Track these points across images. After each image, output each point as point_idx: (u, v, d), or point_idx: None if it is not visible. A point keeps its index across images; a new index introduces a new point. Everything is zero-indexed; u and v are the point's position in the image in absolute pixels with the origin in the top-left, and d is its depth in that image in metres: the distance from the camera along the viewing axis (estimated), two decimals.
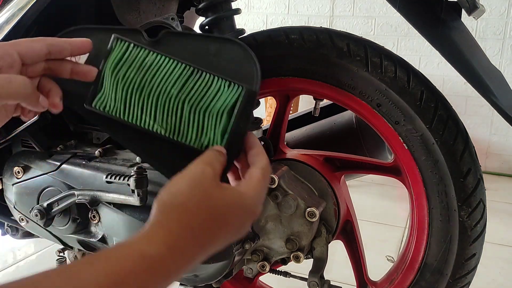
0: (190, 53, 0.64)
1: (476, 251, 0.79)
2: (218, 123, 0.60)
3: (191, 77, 0.61)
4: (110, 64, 0.61)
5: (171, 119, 0.60)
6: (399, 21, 2.92)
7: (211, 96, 0.60)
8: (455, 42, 0.72)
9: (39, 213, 0.84)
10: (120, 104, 0.61)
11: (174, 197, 0.49)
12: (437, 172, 0.77)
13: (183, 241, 0.46)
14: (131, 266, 0.41)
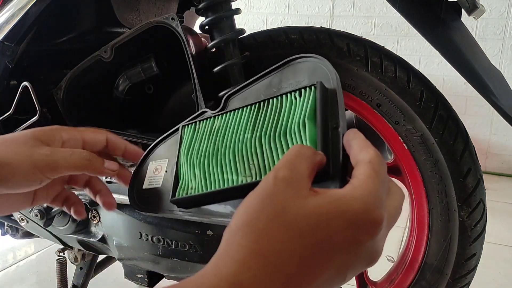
0: (253, 99, 0.57)
1: (476, 251, 0.79)
2: (303, 136, 0.49)
3: (259, 112, 0.54)
4: (183, 151, 0.58)
5: (254, 162, 0.52)
6: (399, 21, 2.92)
7: (286, 115, 0.52)
8: (455, 42, 0.72)
9: (39, 213, 0.84)
10: (200, 180, 0.55)
11: (241, 219, 0.36)
12: (437, 172, 0.77)
13: (250, 272, 0.32)
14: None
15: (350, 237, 0.33)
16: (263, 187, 0.36)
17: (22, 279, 1.53)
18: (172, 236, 0.77)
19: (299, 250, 0.33)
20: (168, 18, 0.76)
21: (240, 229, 0.35)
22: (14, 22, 0.82)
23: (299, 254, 0.33)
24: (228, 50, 0.78)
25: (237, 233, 0.35)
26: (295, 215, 0.34)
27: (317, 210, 0.34)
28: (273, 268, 0.32)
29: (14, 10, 0.83)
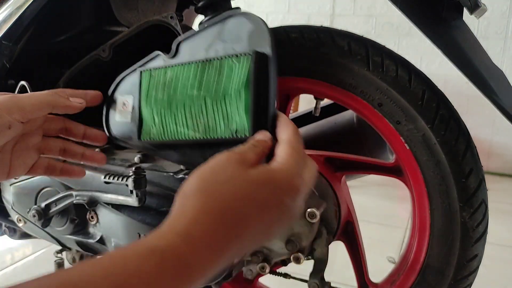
0: (203, 48, 0.62)
1: (477, 252, 0.78)
2: (239, 103, 0.56)
3: (204, 72, 0.60)
4: (143, 96, 0.65)
5: (200, 120, 0.60)
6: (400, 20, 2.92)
7: (226, 79, 0.58)
8: (456, 41, 0.71)
9: (37, 214, 0.84)
10: (159, 127, 0.63)
11: (192, 185, 0.44)
12: (439, 173, 0.76)
13: (200, 226, 0.40)
14: (137, 265, 0.35)
15: (277, 198, 0.45)
16: (215, 162, 0.46)
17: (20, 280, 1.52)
18: None
19: (238, 208, 0.42)
20: (167, 17, 0.76)
21: (194, 193, 0.43)
22: (12, 21, 0.82)
23: (240, 212, 0.42)
24: None
25: (190, 197, 0.43)
26: (238, 181, 0.44)
27: (254, 179, 0.44)
28: (218, 223, 0.40)
29: (12, 9, 0.82)
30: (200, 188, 0.43)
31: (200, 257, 0.39)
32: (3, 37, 0.82)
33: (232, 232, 0.41)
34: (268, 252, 0.84)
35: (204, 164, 0.46)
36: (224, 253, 0.41)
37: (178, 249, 0.38)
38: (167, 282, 0.36)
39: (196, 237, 0.39)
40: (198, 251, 0.39)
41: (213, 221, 0.40)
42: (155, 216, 0.77)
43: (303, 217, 0.80)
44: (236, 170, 0.45)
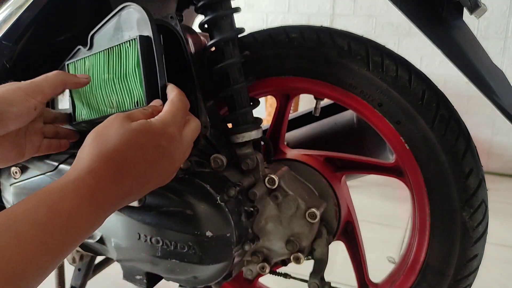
0: (108, 37, 0.74)
1: (478, 252, 0.78)
2: (136, 80, 0.69)
3: (109, 58, 0.72)
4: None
5: (113, 97, 0.72)
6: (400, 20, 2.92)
7: (123, 62, 0.70)
8: (456, 41, 0.71)
9: None
10: (87, 109, 0.76)
11: (89, 138, 0.56)
12: (439, 173, 0.76)
13: (98, 163, 0.52)
14: (60, 193, 0.48)
15: (154, 142, 0.56)
16: (108, 120, 0.57)
17: None
18: (171, 237, 0.76)
19: (126, 152, 0.54)
20: (167, 17, 0.76)
21: (90, 143, 0.55)
22: (12, 21, 0.81)
23: (126, 154, 0.54)
24: (228, 49, 0.77)
25: (87, 146, 0.55)
26: (123, 131, 0.55)
27: (135, 129, 0.55)
28: (111, 162, 0.53)
29: (12, 9, 0.82)
30: (94, 139, 0.55)
31: (104, 187, 0.51)
32: (3, 37, 0.82)
33: (124, 169, 0.53)
34: (268, 252, 0.84)
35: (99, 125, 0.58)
36: (122, 185, 0.53)
37: (87, 181, 0.50)
38: (85, 209, 0.49)
39: (97, 172, 0.52)
40: (101, 182, 0.51)
41: (107, 160, 0.53)
42: (155, 216, 0.77)
43: (303, 217, 0.80)
44: (121, 124, 0.56)
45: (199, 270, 0.77)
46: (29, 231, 0.43)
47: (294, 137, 1.11)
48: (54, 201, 0.47)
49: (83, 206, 0.49)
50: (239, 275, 0.95)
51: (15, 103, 0.63)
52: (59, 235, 0.46)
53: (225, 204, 0.72)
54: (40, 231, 0.44)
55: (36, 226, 0.44)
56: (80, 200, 0.49)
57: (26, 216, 0.44)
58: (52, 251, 0.45)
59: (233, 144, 0.79)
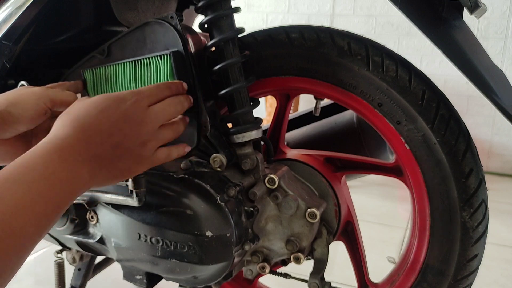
0: (129, 48, 0.79)
1: (478, 252, 0.78)
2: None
3: (136, 68, 0.76)
4: (90, 90, 0.82)
5: None
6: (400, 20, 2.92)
7: (154, 74, 0.74)
8: (456, 41, 0.71)
9: None
10: None
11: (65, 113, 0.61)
12: (439, 173, 0.76)
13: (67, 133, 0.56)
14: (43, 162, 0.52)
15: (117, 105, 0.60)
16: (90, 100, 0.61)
17: (19, 280, 1.52)
18: (171, 237, 0.76)
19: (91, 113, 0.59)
20: (167, 17, 0.76)
21: (62, 117, 0.59)
22: (12, 21, 0.81)
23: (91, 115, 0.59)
24: (228, 49, 0.77)
25: (60, 120, 0.59)
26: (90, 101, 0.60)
27: (102, 95, 0.61)
28: (83, 133, 0.57)
29: (12, 9, 0.82)
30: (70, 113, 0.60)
31: (87, 148, 0.56)
32: (3, 37, 0.82)
33: (90, 128, 0.58)
34: (268, 252, 0.84)
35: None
36: (103, 146, 0.58)
37: (70, 141, 0.55)
38: (68, 169, 0.53)
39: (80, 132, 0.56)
40: (67, 140, 0.55)
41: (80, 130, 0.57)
42: (155, 216, 0.77)
43: (303, 217, 0.80)
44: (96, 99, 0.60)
45: (199, 270, 0.77)
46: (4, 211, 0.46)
47: (294, 137, 1.11)
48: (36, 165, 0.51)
49: (55, 162, 0.53)
50: (239, 275, 0.95)
51: (28, 108, 0.67)
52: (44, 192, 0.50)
53: (225, 204, 0.72)
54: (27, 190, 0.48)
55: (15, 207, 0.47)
56: (64, 162, 0.53)
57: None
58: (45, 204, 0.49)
59: (233, 144, 0.79)
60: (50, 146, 0.54)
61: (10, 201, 0.46)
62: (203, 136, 0.78)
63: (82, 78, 0.81)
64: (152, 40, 0.76)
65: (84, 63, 0.84)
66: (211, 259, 0.75)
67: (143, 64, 0.75)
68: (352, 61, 0.77)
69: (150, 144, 0.62)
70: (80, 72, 0.82)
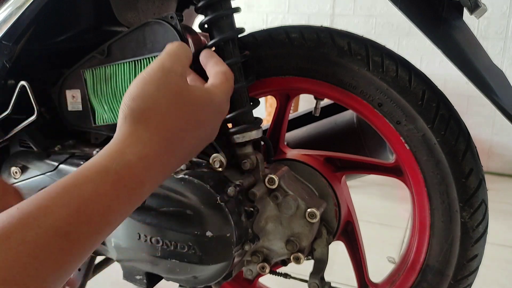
0: (129, 48, 0.79)
1: (478, 252, 0.78)
2: None
3: (136, 68, 0.76)
4: (90, 90, 0.82)
5: None
6: (400, 20, 2.92)
7: None
8: (456, 41, 0.71)
9: None
10: (110, 113, 0.81)
11: (143, 102, 0.46)
12: (439, 173, 0.76)
13: (154, 147, 0.45)
14: (94, 188, 0.38)
15: (212, 116, 0.54)
16: (156, 75, 0.48)
17: None
18: (171, 237, 0.76)
19: (186, 128, 0.49)
20: (167, 17, 0.76)
21: (143, 112, 0.46)
22: (12, 21, 0.81)
23: (186, 131, 0.49)
24: (228, 49, 0.77)
25: (140, 116, 0.45)
26: (185, 102, 0.48)
27: (199, 100, 0.50)
28: (169, 142, 0.46)
29: (12, 9, 0.82)
30: (149, 108, 0.46)
31: (152, 174, 0.44)
32: (3, 37, 0.82)
33: (179, 149, 0.48)
34: (268, 252, 0.84)
35: (142, 77, 0.49)
36: (171, 167, 0.47)
37: (134, 169, 0.42)
38: (124, 199, 0.40)
39: (150, 157, 0.44)
40: (152, 169, 0.44)
41: (165, 142, 0.46)
42: (155, 216, 0.77)
43: (303, 217, 0.80)
44: (180, 88, 0.49)
45: (199, 270, 0.77)
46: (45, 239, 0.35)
47: (294, 137, 1.11)
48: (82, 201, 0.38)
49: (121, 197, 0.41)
50: (239, 275, 0.95)
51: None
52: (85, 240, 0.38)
53: (225, 204, 0.72)
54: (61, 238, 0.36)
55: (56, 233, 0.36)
56: (119, 192, 0.41)
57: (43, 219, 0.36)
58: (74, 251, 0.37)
59: (233, 144, 0.79)
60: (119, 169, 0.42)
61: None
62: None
63: (82, 78, 0.82)
64: (152, 40, 0.77)
65: (84, 63, 0.84)
66: (211, 259, 0.75)
67: (143, 64, 0.76)
68: (352, 61, 0.77)
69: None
70: (80, 72, 0.82)
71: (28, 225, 0.35)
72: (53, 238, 0.35)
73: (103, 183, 0.39)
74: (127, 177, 0.41)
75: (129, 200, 0.41)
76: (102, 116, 0.83)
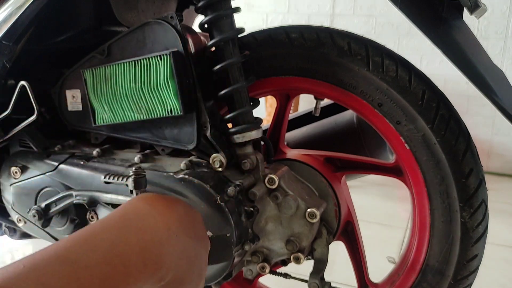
0: (129, 48, 0.79)
1: (478, 252, 0.78)
2: (169, 90, 0.74)
3: (136, 68, 0.76)
4: (90, 90, 0.82)
5: (141, 104, 0.78)
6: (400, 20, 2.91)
7: (154, 73, 0.75)
8: (456, 41, 0.71)
9: (37, 214, 0.84)
10: (110, 113, 0.81)
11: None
12: (439, 173, 0.76)
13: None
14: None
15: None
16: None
17: None
18: None
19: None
20: (167, 17, 0.76)
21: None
22: (12, 21, 0.81)
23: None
24: (228, 49, 0.77)
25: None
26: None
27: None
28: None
29: (12, 9, 0.82)
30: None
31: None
32: (3, 37, 0.82)
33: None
34: (268, 252, 0.84)
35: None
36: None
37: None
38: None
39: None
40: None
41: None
42: None
43: (303, 217, 0.80)
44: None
45: None
46: None
47: (294, 137, 1.11)
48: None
49: None
50: (239, 275, 0.95)
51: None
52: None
53: (225, 204, 0.72)
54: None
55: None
56: None
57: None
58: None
59: (233, 144, 0.79)
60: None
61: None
62: (203, 136, 0.78)
63: (82, 78, 0.82)
64: (152, 40, 0.77)
65: (84, 63, 0.84)
66: (211, 259, 0.75)
67: (143, 64, 0.75)
68: (352, 61, 0.77)
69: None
70: (80, 72, 0.82)
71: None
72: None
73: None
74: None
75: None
76: (102, 116, 0.83)
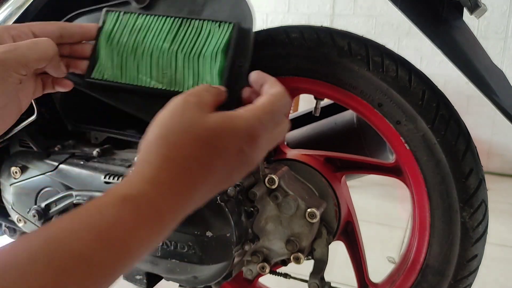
0: (179, 8, 0.66)
1: (477, 252, 0.78)
2: (213, 65, 0.61)
3: (180, 28, 0.64)
4: (104, 36, 0.66)
5: (167, 72, 0.64)
6: (400, 20, 2.91)
7: (203, 40, 0.63)
8: (456, 41, 0.71)
9: (37, 214, 0.84)
10: (116, 70, 0.65)
11: (156, 132, 0.45)
12: (439, 173, 0.76)
13: (166, 173, 0.42)
14: (113, 214, 0.37)
15: (236, 146, 0.45)
16: (174, 106, 0.46)
17: None
18: (171, 237, 0.76)
19: (201, 156, 0.44)
20: None
21: (157, 141, 0.44)
22: (12, 21, 0.81)
23: (201, 158, 0.44)
24: None
25: (154, 145, 0.44)
26: (199, 129, 0.44)
27: (215, 124, 0.45)
28: (182, 170, 0.43)
29: (12, 9, 0.82)
30: (162, 135, 0.45)
31: (169, 203, 0.41)
32: None
33: (196, 179, 0.44)
34: (268, 252, 0.84)
35: (162, 109, 0.47)
36: (190, 198, 0.44)
37: (148, 196, 0.40)
38: (144, 227, 0.39)
39: (163, 183, 0.41)
40: (167, 197, 0.41)
41: (177, 168, 0.43)
42: None
43: (303, 217, 0.80)
44: (195, 116, 0.45)
45: (199, 270, 0.77)
46: (70, 263, 0.34)
47: (294, 137, 1.11)
48: (103, 226, 0.36)
49: (141, 225, 0.39)
50: (239, 275, 0.95)
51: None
52: (107, 267, 0.36)
53: (225, 204, 0.72)
54: (84, 263, 0.34)
55: (80, 258, 0.34)
56: (139, 220, 0.39)
57: (68, 243, 0.35)
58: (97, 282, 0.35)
59: None
60: (140, 203, 0.40)
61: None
62: None
63: (103, 18, 0.67)
64: (214, 7, 0.66)
65: (113, 4, 0.70)
66: (211, 259, 0.75)
67: (192, 26, 0.64)
68: (352, 61, 0.77)
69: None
70: (103, 11, 0.67)
71: (54, 249, 0.34)
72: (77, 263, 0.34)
73: (123, 210, 0.38)
74: (144, 205, 0.39)
75: (149, 230, 0.40)
76: (104, 70, 0.66)
